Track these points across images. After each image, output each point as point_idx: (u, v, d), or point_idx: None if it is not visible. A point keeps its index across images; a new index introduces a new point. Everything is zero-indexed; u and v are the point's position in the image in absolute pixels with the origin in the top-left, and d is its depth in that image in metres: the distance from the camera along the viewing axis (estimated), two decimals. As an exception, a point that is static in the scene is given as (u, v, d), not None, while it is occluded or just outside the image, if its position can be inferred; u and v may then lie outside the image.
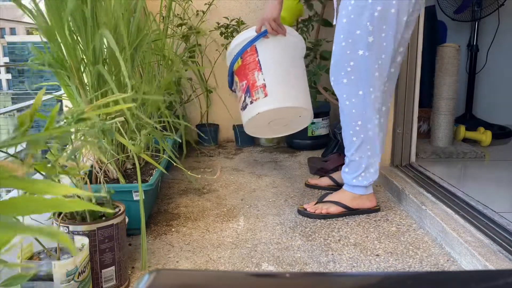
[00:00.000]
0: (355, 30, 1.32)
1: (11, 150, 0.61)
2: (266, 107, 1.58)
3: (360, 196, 1.46)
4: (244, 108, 1.65)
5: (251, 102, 1.61)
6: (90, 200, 0.93)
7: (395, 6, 1.29)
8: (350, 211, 1.46)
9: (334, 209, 1.45)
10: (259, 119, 1.63)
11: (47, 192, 0.48)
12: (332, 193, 1.53)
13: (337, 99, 1.44)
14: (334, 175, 1.74)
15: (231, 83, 1.77)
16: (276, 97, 1.59)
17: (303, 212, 1.46)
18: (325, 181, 1.75)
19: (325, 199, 1.49)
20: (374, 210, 1.49)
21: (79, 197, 0.91)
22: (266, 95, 1.58)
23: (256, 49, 1.64)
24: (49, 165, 0.75)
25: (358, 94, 1.37)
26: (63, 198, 0.47)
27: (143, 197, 1.07)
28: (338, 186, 1.71)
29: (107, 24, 1.15)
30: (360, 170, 1.44)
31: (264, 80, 1.60)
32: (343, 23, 1.34)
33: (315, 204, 1.48)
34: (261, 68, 1.61)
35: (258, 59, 1.62)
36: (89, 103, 1.15)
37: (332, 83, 1.43)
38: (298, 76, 1.68)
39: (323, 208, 1.45)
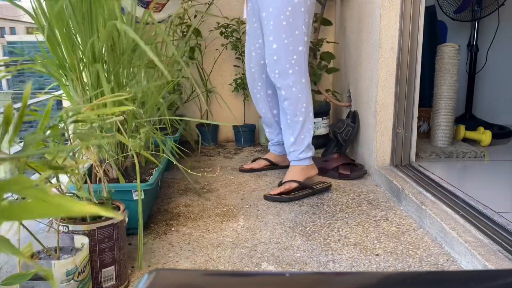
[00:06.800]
0: (295, 30, 1.60)
1: (7, 150, 0.61)
2: None
3: (307, 166, 1.71)
4: None
5: None
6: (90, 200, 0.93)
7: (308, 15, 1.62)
8: (310, 189, 1.67)
9: (294, 185, 1.66)
10: None
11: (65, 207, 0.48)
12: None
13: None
14: (267, 156, 2.00)
15: None
16: None
17: (269, 198, 1.62)
18: (260, 162, 1.99)
19: (282, 181, 1.69)
20: (327, 187, 1.72)
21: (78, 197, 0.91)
22: None
23: None
24: (46, 163, 0.75)
25: (301, 82, 1.65)
26: (65, 202, 0.47)
27: (143, 197, 1.07)
28: (273, 165, 1.99)
29: (104, 24, 1.15)
30: (304, 146, 1.69)
31: None
32: (283, 25, 1.59)
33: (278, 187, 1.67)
34: None
35: None
36: (88, 103, 1.15)
37: (276, 75, 1.64)
38: None
39: (284, 187, 1.64)
